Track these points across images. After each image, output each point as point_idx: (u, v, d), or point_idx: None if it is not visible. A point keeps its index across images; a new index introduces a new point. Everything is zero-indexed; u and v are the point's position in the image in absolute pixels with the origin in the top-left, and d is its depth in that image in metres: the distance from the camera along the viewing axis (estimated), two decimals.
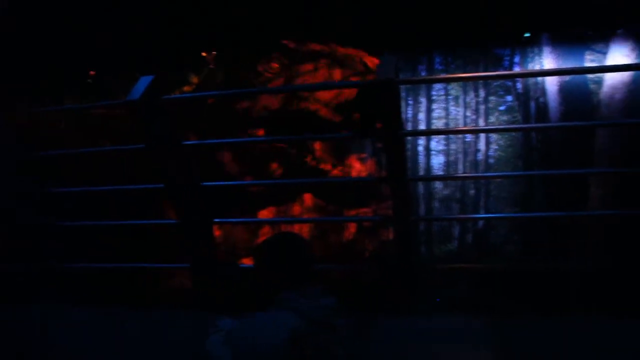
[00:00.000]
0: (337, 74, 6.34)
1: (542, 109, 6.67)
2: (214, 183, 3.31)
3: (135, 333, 3.16)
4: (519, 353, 2.77)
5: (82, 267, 3.84)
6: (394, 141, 2.87)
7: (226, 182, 3.40)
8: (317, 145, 6.37)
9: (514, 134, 6.73)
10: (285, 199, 5.89)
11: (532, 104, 6.74)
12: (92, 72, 7.08)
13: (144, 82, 3.22)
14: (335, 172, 6.13)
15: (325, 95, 6.29)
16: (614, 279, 3.50)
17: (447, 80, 6.93)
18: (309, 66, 6.39)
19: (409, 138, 6.69)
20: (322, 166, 6.10)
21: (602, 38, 6.57)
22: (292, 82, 6.10)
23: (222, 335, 1.77)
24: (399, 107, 2.83)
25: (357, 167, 6.54)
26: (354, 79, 6.19)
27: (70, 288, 3.92)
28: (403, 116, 6.62)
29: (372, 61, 6.17)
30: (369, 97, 2.85)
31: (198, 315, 2.05)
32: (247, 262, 5.45)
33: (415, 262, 3.20)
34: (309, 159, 6.01)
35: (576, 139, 6.25)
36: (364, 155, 6.55)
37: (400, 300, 3.22)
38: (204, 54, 6.95)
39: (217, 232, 5.28)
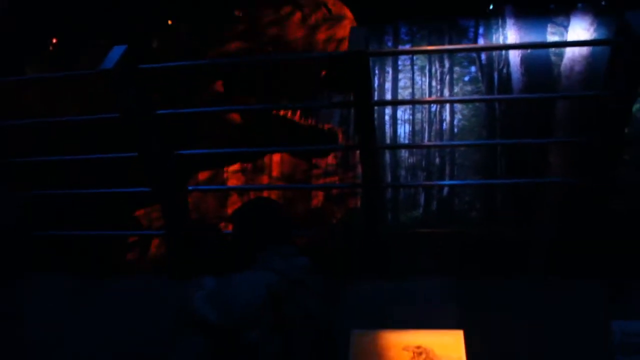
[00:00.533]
0: (298, 18, 6.26)
1: (505, 80, 6.83)
2: (188, 152, 3.37)
3: (124, 299, 3.24)
4: (482, 309, 2.95)
5: (57, 235, 3.89)
6: (364, 110, 2.97)
7: (201, 151, 3.46)
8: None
9: (478, 104, 6.89)
10: (254, 156, 5.86)
11: (496, 74, 6.89)
12: (54, 40, 6.95)
13: (117, 51, 3.24)
14: (304, 122, 6.12)
15: (297, 44, 6.20)
16: (570, 243, 3.71)
17: (417, 53, 7.04)
18: (268, 11, 6.28)
19: (376, 107, 6.79)
20: (290, 117, 6.09)
21: (563, 12, 6.75)
22: (257, 31, 5.98)
23: (205, 294, 1.86)
24: (369, 77, 2.93)
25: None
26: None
27: (53, 258, 3.95)
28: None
29: (335, 6, 6.09)
30: (339, 66, 2.94)
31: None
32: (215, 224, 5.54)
33: (383, 228, 3.34)
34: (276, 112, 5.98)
35: (537, 109, 6.45)
36: (330, 125, 6.62)
37: (369, 264, 3.36)
38: (169, 22, 6.88)
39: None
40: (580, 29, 6.48)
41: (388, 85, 6.95)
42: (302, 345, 1.80)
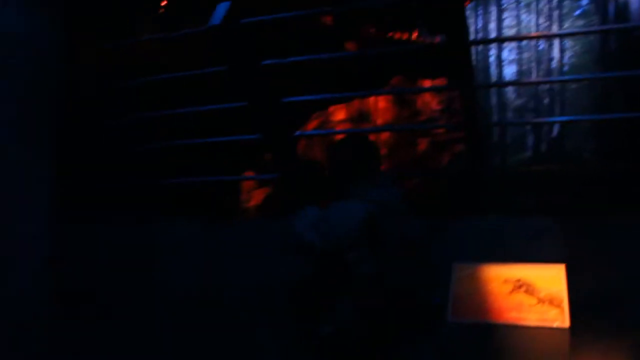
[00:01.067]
0: None
1: (622, 10, 6.39)
2: (294, 98, 3.55)
3: (244, 238, 3.54)
4: (586, 246, 2.93)
5: (182, 182, 4.25)
6: (459, 51, 2.99)
7: (306, 97, 3.64)
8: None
9: (590, 39, 6.56)
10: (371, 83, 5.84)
11: (611, 5, 6.47)
12: (164, 2, 7.33)
13: (222, 8, 3.44)
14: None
15: None
16: None
17: None
18: None
19: (480, 49, 6.63)
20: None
21: None
22: None
23: (309, 221, 2.08)
24: (464, 17, 2.94)
25: (428, 84, 6.56)
26: None
27: (170, 202, 4.33)
28: (473, 27, 6.58)
29: None
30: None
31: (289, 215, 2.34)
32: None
33: (485, 167, 3.38)
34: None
35: None
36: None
37: (472, 203, 3.42)
38: None
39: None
40: None
41: (492, 25, 6.76)
42: (396, 267, 1.96)
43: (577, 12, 6.28)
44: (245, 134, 3.85)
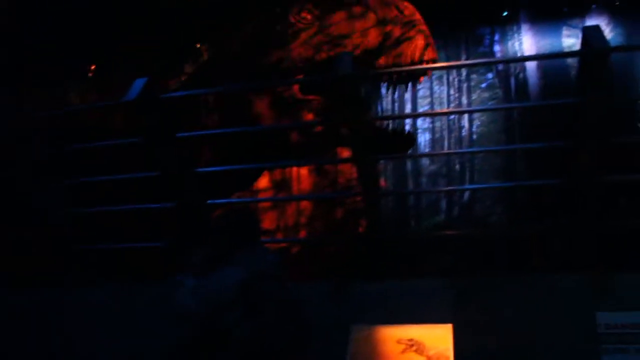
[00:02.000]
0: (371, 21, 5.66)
1: (522, 85, 6.98)
2: (207, 169, 3.72)
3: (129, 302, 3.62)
4: (474, 305, 3.17)
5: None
6: (358, 125, 3.26)
7: (219, 168, 3.79)
8: None
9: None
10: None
11: (512, 80, 7.06)
12: (92, 67, 7.40)
13: (139, 83, 3.62)
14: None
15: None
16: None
17: (434, 69, 6.95)
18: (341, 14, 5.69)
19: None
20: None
21: (577, 14, 6.85)
22: (325, 31, 5.49)
23: (187, 290, 2.22)
24: (357, 97, 3.22)
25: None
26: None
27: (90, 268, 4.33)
28: (389, 97, 7.01)
29: (406, 7, 5.59)
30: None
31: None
32: None
33: (384, 233, 3.61)
34: None
35: (555, 112, 6.54)
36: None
37: (370, 267, 3.61)
38: (198, 45, 7.18)
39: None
40: None
41: (407, 95, 7.17)
42: (272, 330, 2.12)
43: (484, 85, 6.82)
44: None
